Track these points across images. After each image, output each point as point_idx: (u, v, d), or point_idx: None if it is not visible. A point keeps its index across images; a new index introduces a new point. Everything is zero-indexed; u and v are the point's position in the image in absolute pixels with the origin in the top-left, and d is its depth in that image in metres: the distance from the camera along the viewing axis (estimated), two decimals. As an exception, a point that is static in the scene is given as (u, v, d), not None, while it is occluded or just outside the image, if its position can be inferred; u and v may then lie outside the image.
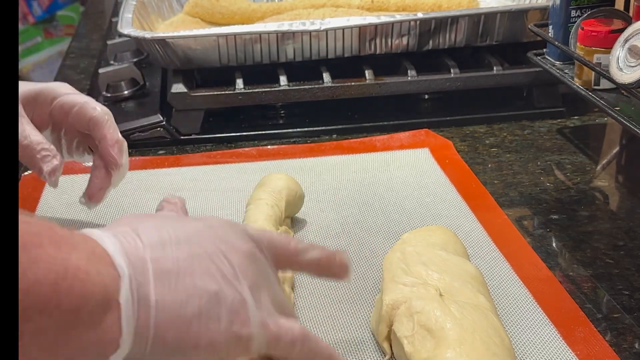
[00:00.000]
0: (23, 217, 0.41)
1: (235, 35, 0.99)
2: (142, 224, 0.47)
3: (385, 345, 0.58)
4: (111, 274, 0.43)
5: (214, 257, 0.47)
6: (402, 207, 0.81)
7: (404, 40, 1.03)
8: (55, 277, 0.40)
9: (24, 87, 0.74)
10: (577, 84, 0.87)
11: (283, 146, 0.97)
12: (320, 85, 1.01)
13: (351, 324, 0.63)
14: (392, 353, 0.58)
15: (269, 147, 0.97)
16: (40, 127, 0.72)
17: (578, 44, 0.85)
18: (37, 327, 0.40)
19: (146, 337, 0.44)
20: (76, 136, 0.76)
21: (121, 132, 0.96)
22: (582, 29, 0.84)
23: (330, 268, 0.54)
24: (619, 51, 0.77)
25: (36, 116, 0.73)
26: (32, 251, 0.40)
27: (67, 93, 0.74)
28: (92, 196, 0.74)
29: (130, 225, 0.47)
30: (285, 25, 0.99)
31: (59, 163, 0.69)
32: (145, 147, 0.99)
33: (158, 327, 0.44)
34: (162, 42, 0.99)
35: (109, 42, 1.25)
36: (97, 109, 0.73)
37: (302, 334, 0.49)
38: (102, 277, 0.42)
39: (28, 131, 0.69)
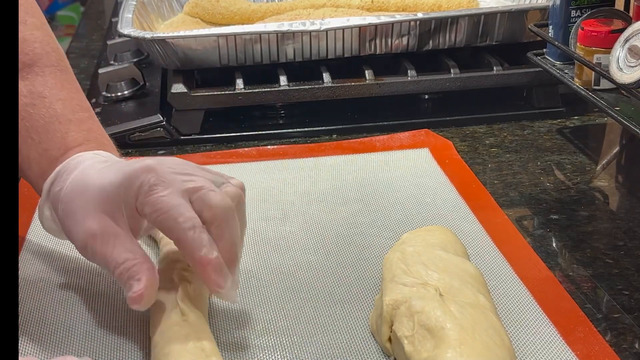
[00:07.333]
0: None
1: (235, 35, 0.99)
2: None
3: (388, 346, 0.58)
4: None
5: None
6: (402, 207, 0.81)
7: (404, 40, 1.03)
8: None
9: (105, 182, 0.60)
10: (577, 84, 0.87)
11: (283, 146, 0.97)
12: (320, 85, 1.01)
13: (351, 324, 0.63)
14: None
15: (269, 147, 0.97)
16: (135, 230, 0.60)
17: (578, 44, 0.85)
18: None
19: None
20: None
21: (121, 132, 0.98)
22: (582, 29, 0.84)
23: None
24: (618, 51, 0.77)
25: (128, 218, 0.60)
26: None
27: (154, 187, 0.58)
28: None
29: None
30: (285, 26, 0.99)
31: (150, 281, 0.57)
32: (145, 147, 0.99)
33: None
34: (163, 42, 0.99)
35: (109, 42, 1.25)
36: (186, 223, 0.57)
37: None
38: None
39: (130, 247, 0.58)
